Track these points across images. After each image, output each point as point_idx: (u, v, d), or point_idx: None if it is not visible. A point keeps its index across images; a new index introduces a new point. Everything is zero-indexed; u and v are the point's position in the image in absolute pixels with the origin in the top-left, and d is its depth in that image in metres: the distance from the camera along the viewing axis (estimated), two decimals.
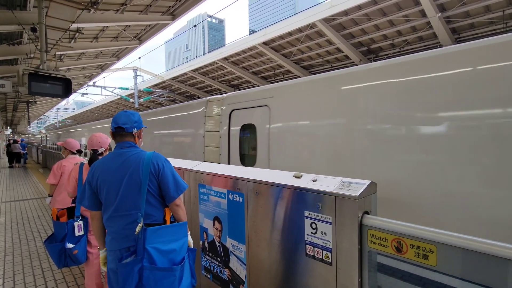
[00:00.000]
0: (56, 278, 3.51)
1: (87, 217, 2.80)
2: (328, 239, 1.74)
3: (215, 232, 2.65)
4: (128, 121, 1.94)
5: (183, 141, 7.02)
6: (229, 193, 2.48)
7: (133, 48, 11.03)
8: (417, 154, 2.94)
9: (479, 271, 1.25)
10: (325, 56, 13.83)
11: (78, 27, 7.18)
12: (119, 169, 1.83)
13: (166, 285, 1.69)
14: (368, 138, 3.31)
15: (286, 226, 2.02)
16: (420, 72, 3.01)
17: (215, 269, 2.67)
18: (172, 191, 1.86)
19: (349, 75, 3.69)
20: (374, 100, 3.31)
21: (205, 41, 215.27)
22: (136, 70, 20.52)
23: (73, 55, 11.28)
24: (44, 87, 5.28)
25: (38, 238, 4.92)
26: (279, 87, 4.62)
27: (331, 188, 1.75)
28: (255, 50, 14.46)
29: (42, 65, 5.53)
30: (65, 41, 8.23)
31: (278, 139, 4.37)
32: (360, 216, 1.63)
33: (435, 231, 1.37)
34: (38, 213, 6.70)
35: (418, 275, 1.64)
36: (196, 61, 18.22)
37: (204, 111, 6.04)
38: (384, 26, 10.95)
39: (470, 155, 2.62)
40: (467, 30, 10.06)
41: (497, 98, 2.53)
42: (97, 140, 2.85)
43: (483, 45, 2.74)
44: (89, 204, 1.89)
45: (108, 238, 1.87)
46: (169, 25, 8.64)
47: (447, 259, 1.32)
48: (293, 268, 1.97)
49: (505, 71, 2.50)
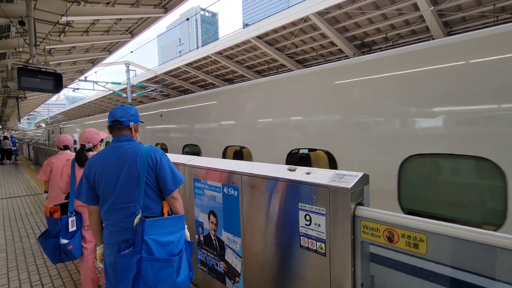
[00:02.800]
0: (51, 274, 3.50)
1: (80, 212, 2.80)
2: (322, 231, 1.77)
3: (211, 225, 2.67)
4: (125, 115, 1.94)
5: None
6: (224, 187, 2.50)
7: (125, 42, 10.86)
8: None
9: (467, 258, 1.29)
10: (319, 50, 13.81)
11: (68, 20, 7.02)
12: (117, 163, 1.83)
13: (165, 276, 1.71)
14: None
15: (281, 218, 2.05)
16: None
17: (211, 262, 2.70)
18: (169, 184, 1.87)
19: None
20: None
21: (198, 35, 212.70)
22: (128, 64, 20.23)
23: (63, 49, 11.06)
24: (34, 82, 5.18)
25: (32, 235, 4.88)
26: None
27: (324, 181, 1.78)
28: (249, 44, 14.35)
29: (31, 60, 5.41)
30: (55, 34, 8.06)
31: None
32: (353, 208, 1.66)
33: (425, 221, 1.41)
34: (31, 210, 6.63)
35: (409, 264, 1.68)
36: (189, 55, 18.02)
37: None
38: (377, 20, 10.96)
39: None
40: (459, 23, 10.14)
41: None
42: (85, 136, 2.87)
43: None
44: (86, 198, 1.89)
45: (106, 232, 1.88)
46: (161, 18, 8.51)
47: (437, 248, 1.36)
48: (288, 260, 2.01)
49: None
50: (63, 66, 13.64)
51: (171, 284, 1.74)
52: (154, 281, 1.69)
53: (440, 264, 1.39)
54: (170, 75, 20.85)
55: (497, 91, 2.26)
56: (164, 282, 1.71)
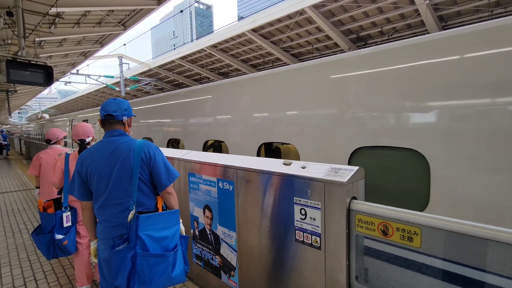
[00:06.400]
0: (44, 270, 3.47)
1: (75, 207, 2.77)
2: (317, 224, 1.77)
3: (206, 220, 2.66)
4: (118, 109, 1.90)
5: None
6: (219, 181, 2.48)
7: (118, 34, 10.63)
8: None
9: (460, 251, 1.31)
10: (314, 44, 13.74)
11: (58, 11, 6.83)
12: (110, 158, 1.79)
13: (160, 271, 1.70)
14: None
15: (276, 212, 2.04)
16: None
17: (206, 257, 2.70)
18: (163, 179, 1.85)
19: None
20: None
21: (192, 27, 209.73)
22: (121, 57, 19.88)
23: (54, 42, 10.80)
24: (24, 75, 5.05)
25: (25, 231, 4.83)
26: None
27: (320, 175, 1.78)
28: (244, 37, 14.21)
29: (20, 52, 5.27)
30: (45, 26, 7.85)
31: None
32: (348, 202, 1.66)
33: (420, 214, 1.42)
34: (23, 205, 6.54)
35: (403, 257, 1.70)
36: (184, 48, 17.79)
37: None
38: (373, 13, 10.91)
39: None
40: (454, 17, 10.15)
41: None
42: (83, 130, 2.80)
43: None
44: (79, 194, 1.86)
45: (99, 227, 1.85)
46: (155, 10, 8.33)
47: (431, 241, 1.37)
48: (283, 254, 2.01)
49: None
50: (54, 59, 13.34)
51: (166, 279, 1.74)
52: (149, 276, 1.68)
53: (433, 257, 1.40)
54: (164, 69, 20.59)
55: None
56: (159, 277, 1.71)
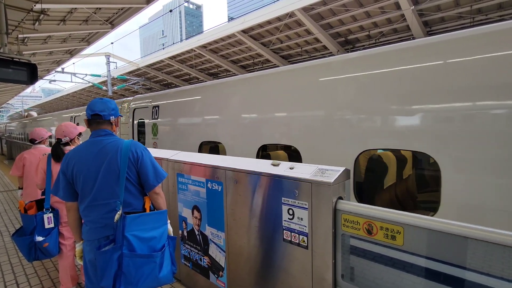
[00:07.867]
0: (27, 273, 3.37)
1: (57, 209, 2.71)
2: (305, 224, 1.81)
3: (194, 220, 2.65)
4: (105, 108, 1.88)
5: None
6: (208, 182, 2.48)
7: (105, 32, 10.44)
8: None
9: (441, 249, 1.36)
10: (304, 46, 13.87)
11: (43, 8, 6.66)
12: (96, 158, 1.77)
13: (147, 272, 1.69)
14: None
15: (264, 212, 2.07)
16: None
17: (195, 257, 2.69)
18: (151, 179, 1.84)
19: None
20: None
21: (182, 27, 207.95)
22: (108, 56, 19.50)
23: (38, 39, 10.50)
24: (6, 72, 4.88)
25: (6, 233, 4.67)
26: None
27: (307, 175, 1.81)
28: (234, 38, 14.20)
29: (3, 49, 5.12)
30: (29, 23, 7.64)
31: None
32: (335, 202, 1.70)
33: (402, 213, 1.47)
34: (4, 206, 6.33)
35: (387, 256, 1.75)
36: (173, 48, 17.60)
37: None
38: (361, 17, 11.13)
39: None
40: (438, 23, 10.47)
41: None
42: (61, 129, 2.78)
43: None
44: (64, 194, 1.82)
45: (85, 229, 1.82)
46: (144, 9, 8.22)
47: (412, 239, 1.42)
48: (271, 254, 2.03)
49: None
50: (38, 56, 12.97)
51: (153, 280, 1.72)
52: (136, 277, 1.66)
53: (414, 255, 1.45)
54: (153, 68, 20.31)
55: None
56: (146, 278, 1.69)
